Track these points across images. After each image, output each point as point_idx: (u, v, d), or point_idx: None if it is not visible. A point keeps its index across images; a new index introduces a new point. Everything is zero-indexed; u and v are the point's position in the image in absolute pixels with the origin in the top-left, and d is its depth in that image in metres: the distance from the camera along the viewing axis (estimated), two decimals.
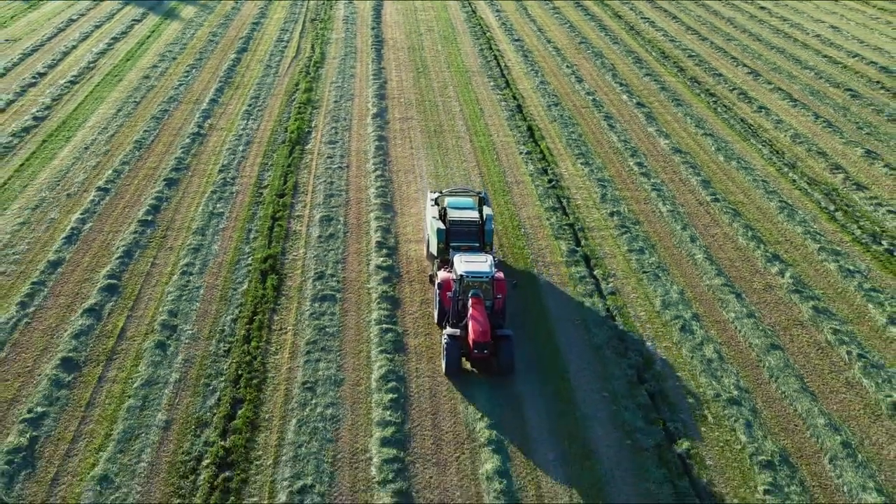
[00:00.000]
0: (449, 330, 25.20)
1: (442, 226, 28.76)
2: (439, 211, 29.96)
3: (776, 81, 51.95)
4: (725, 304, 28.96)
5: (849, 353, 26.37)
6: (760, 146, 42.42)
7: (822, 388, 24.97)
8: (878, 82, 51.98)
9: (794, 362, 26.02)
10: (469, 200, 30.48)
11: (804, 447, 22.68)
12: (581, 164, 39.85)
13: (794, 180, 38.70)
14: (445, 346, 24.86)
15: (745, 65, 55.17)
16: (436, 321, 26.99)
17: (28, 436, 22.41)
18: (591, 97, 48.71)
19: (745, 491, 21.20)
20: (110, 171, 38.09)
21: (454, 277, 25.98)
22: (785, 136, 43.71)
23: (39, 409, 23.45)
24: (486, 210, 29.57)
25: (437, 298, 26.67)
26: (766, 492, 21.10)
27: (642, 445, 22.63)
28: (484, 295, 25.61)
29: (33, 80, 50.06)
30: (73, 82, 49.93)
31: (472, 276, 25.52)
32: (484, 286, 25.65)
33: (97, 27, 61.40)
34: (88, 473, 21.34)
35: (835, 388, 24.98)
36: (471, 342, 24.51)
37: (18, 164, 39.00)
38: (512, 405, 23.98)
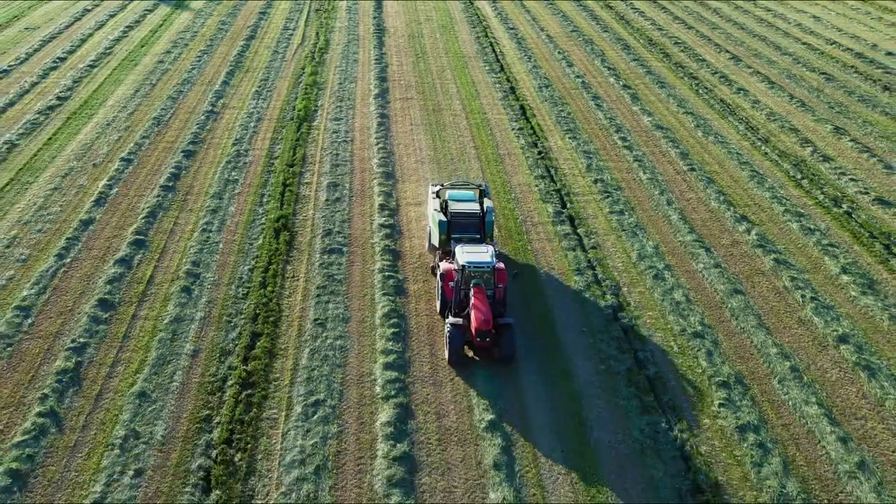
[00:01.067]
0: (452, 319, 25.72)
1: (443, 218, 29.14)
2: (441, 203, 30.40)
3: (756, 66, 54.97)
4: (695, 256, 31.99)
5: (803, 296, 29.40)
6: (737, 123, 45.44)
7: (776, 324, 28.00)
8: (852, 67, 54.99)
9: (754, 304, 29.05)
10: (470, 193, 30.91)
11: (757, 371, 25.71)
12: (569, 138, 42.87)
13: (767, 153, 41.72)
14: (449, 334, 25.41)
15: (727, 51, 58.20)
16: (438, 311, 27.75)
17: (73, 361, 25.43)
18: (580, 80, 51.73)
19: (702, 404, 24.23)
20: (132, 144, 41.10)
21: (456, 268, 26.61)
22: (760, 114, 46.73)
23: (81, 340, 26.48)
24: (487, 202, 29.97)
25: (440, 289, 27.32)
26: (720, 405, 24.12)
27: (615, 370, 25.64)
28: (485, 284, 26.22)
29: (54, 65, 53.11)
30: (91, 66, 52.97)
31: (474, 267, 26.15)
32: (485, 276, 26.25)
33: (111, 16, 64.45)
34: (128, 391, 24.36)
35: (788, 325, 28.00)
36: (473, 330, 25.30)
37: (46, 139, 42.01)
38: None
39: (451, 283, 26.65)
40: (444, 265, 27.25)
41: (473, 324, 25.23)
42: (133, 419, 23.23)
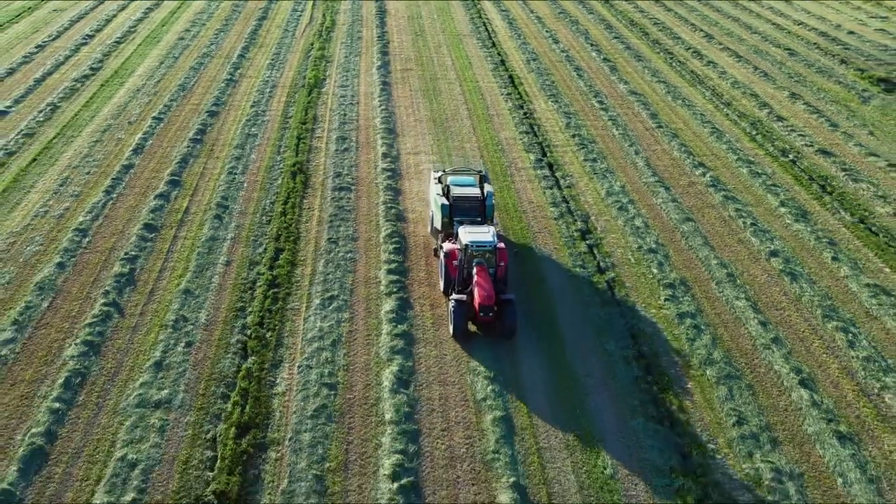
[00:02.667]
0: (456, 295, 26.87)
1: (445, 202, 30.34)
2: (443, 188, 31.67)
3: (726, 43, 60.02)
4: (656, 193, 36.99)
5: (744, 223, 34.41)
6: (704, 90, 50.46)
7: (719, 243, 33.01)
8: (815, 44, 60.00)
9: (702, 229, 34.06)
10: (470, 178, 32.15)
11: (699, 277, 30.71)
12: (552, 102, 47.89)
13: (728, 114, 46.74)
14: (453, 310, 26.52)
15: (701, 30, 63.24)
16: (441, 290, 29.00)
17: (128, 268, 30.44)
18: (564, 54, 56.76)
19: (651, 300, 29.23)
20: (161, 106, 46.12)
21: (459, 247, 27.75)
22: (726, 83, 51.75)
23: (133, 253, 31.49)
24: (487, 187, 31.17)
25: (443, 268, 28.45)
26: (665, 300, 29.14)
27: (581, 276, 30.63)
28: (487, 263, 27.37)
29: (84, 41, 58.16)
30: (118, 42, 58.02)
31: (476, 246, 27.30)
32: (487, 255, 27.39)
33: (132, 0, 69.47)
34: (175, 289, 29.38)
35: (729, 244, 33.01)
36: (477, 306, 26.40)
37: (84, 102, 47.02)
38: None
39: (455, 262, 27.84)
40: (447, 245, 28.57)
41: (477, 299, 26.47)
42: (181, 308, 28.24)
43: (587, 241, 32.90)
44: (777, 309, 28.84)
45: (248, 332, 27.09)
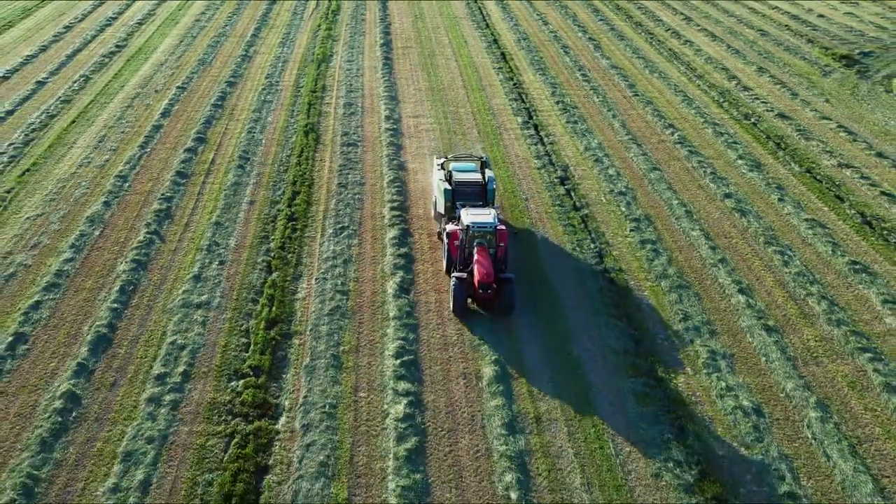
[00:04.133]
0: (456, 273, 28.05)
1: (448, 186, 31.48)
2: (445, 174, 32.73)
3: (704, 24, 64.68)
4: (628, 149, 41.62)
5: (704, 171, 39.04)
6: (679, 65, 55.09)
7: (681, 188, 37.63)
8: (786, 26, 64.64)
9: (667, 176, 38.68)
10: (472, 164, 33.45)
11: (661, 213, 35.34)
12: (539, 75, 52.53)
13: (699, 85, 51.37)
14: (453, 287, 27.71)
15: (682, 13, 67.90)
16: (444, 270, 30.14)
17: (165, 205, 35.08)
18: (553, 34, 61.42)
19: (618, 230, 33.84)
20: (184, 77, 50.76)
21: (461, 228, 28.94)
22: (700, 59, 56.39)
23: (168, 194, 36.12)
24: (488, 172, 32.52)
25: (446, 249, 29.62)
26: (630, 230, 33.75)
27: (558, 213, 35.19)
28: (487, 244, 28.43)
29: (108, 23, 62.84)
30: (139, 23, 62.72)
31: (477, 227, 28.36)
32: (487, 236, 28.44)
33: None
34: (207, 221, 34.01)
35: (690, 188, 37.64)
36: (476, 283, 27.54)
37: (113, 74, 51.67)
38: None
39: (456, 243, 28.99)
40: (449, 227, 29.79)
41: (476, 277, 27.57)
42: (213, 236, 32.88)
43: (565, 186, 37.54)
44: (726, 237, 33.48)
45: (272, 254, 31.73)
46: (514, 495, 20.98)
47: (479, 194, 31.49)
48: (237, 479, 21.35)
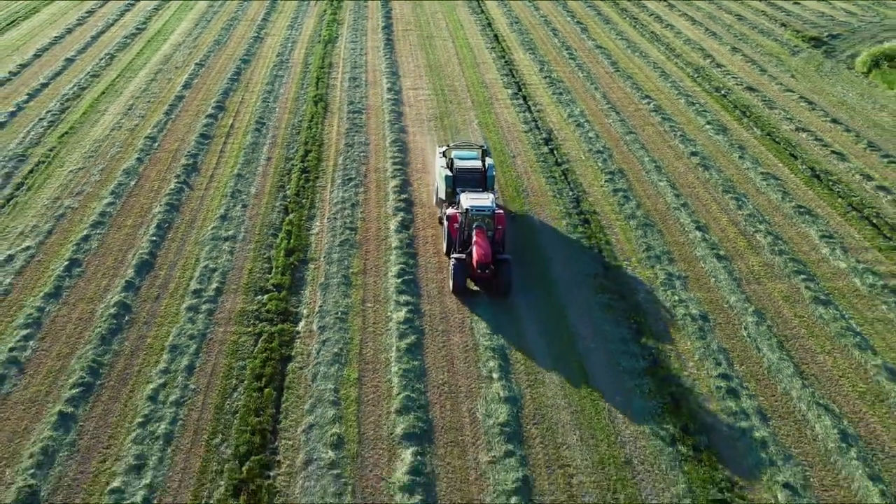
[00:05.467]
0: (456, 255, 29.32)
1: (449, 173, 32.63)
2: (447, 162, 33.89)
3: (685, 10, 69.07)
4: (608, 116, 45.98)
5: (675, 134, 43.41)
6: (660, 46, 59.45)
7: (653, 147, 41.98)
8: (762, 12, 69.04)
9: (641, 139, 43.01)
10: (473, 153, 34.66)
11: (633, 168, 39.68)
12: (529, 54, 56.90)
13: (676, 62, 55.74)
14: (453, 267, 28.90)
15: (665, 0, 72.33)
16: (444, 252, 31.41)
17: (191, 161, 39.42)
18: (543, 19, 65.81)
19: (595, 182, 38.19)
20: (201, 55, 55.14)
21: (460, 212, 30.22)
22: (679, 40, 60.76)
23: (193, 152, 40.47)
24: (488, 160, 33.76)
25: (446, 232, 30.85)
26: (605, 181, 38.09)
27: (541, 167, 39.54)
28: (486, 227, 29.64)
29: (127, 8, 67.26)
30: (156, 9, 67.11)
31: (476, 210, 29.58)
32: (486, 219, 29.66)
33: None
34: (230, 173, 38.36)
35: (661, 148, 41.99)
36: (475, 263, 28.67)
37: (136, 53, 56.05)
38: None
39: (456, 225, 30.25)
40: (449, 210, 31.04)
41: (475, 257, 28.75)
42: (236, 185, 37.22)
43: (549, 146, 41.91)
44: (689, 187, 37.84)
45: (288, 199, 36.08)
46: (495, 375, 25.32)
47: (479, 181, 32.72)
48: (266, 364, 25.68)
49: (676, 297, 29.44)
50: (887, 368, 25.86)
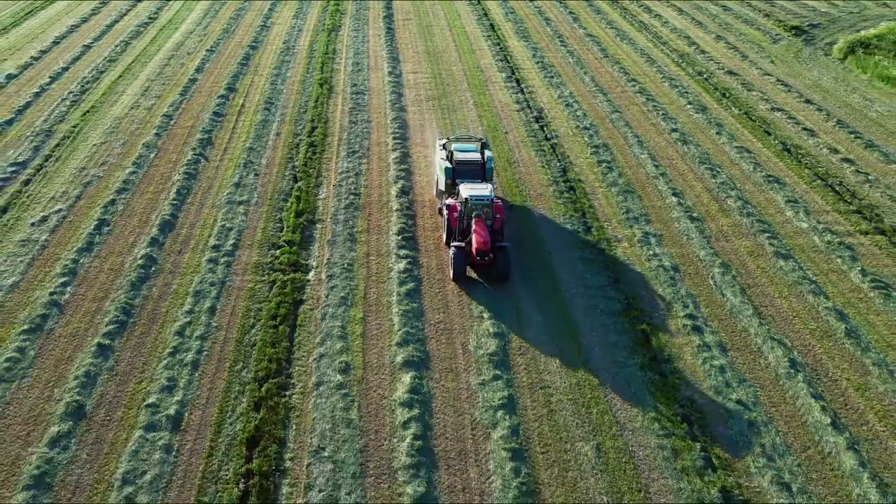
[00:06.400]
0: (455, 243, 30.14)
1: (449, 165, 33.33)
2: (447, 154, 34.57)
3: (673, 1, 72.04)
4: (595, 97, 48.97)
5: (657, 113, 46.38)
6: (648, 34, 62.44)
7: (636, 125, 44.94)
8: (745, 1, 72.01)
9: (626, 117, 45.98)
10: (472, 146, 35.22)
11: (617, 142, 42.66)
12: (523, 41, 59.89)
13: (662, 49, 58.72)
14: (453, 255, 29.68)
15: None
16: (444, 241, 32.21)
17: (206, 136, 42.40)
18: (537, 9, 68.80)
19: (581, 154, 41.17)
20: (211, 43, 58.12)
21: (460, 201, 31.11)
22: (666, 29, 63.75)
23: (208, 128, 43.45)
24: (487, 153, 34.30)
25: (446, 221, 31.63)
26: (591, 154, 41.05)
27: (532, 143, 42.49)
28: (485, 216, 30.46)
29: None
30: (167, 0, 70.09)
31: (475, 199, 30.46)
32: (485, 209, 30.49)
33: None
34: (242, 146, 41.35)
35: (643, 125, 44.97)
36: (474, 251, 29.53)
37: (149, 40, 59.03)
38: (461, 123, 43.95)
39: (455, 215, 31.04)
40: (449, 201, 31.96)
41: (474, 245, 29.64)
42: (248, 157, 40.20)
43: (539, 123, 44.90)
44: (668, 159, 40.84)
45: (297, 169, 39.05)
46: (486, 315, 28.31)
47: (478, 172, 33.45)
48: (280, 306, 28.65)
49: (651, 252, 32.43)
50: (836, 310, 28.85)
